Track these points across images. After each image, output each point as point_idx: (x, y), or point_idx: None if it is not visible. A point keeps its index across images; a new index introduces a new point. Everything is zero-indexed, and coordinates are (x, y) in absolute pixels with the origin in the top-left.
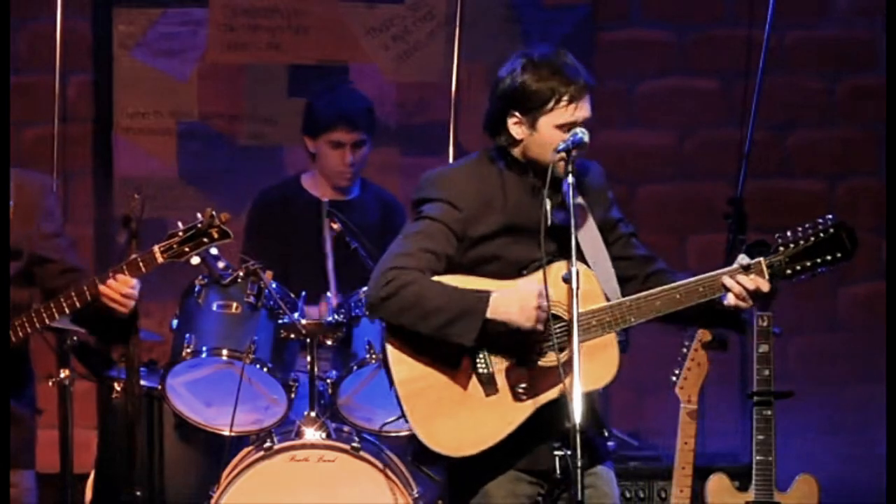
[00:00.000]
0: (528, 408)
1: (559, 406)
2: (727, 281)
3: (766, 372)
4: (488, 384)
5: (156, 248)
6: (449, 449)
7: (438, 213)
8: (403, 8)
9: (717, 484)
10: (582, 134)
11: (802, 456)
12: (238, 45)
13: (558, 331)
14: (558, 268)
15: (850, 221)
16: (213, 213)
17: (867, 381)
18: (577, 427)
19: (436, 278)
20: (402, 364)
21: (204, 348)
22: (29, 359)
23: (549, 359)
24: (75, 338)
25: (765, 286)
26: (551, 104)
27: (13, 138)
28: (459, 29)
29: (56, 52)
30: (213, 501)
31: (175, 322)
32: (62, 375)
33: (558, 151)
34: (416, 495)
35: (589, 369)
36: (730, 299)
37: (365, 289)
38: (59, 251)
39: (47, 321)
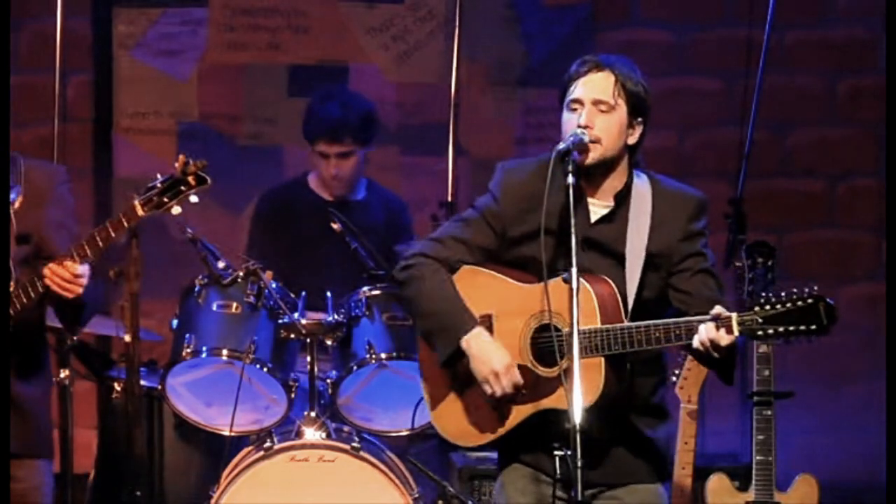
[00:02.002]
0: (523, 412)
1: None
2: (699, 328)
3: (766, 372)
4: None
5: (136, 202)
6: (451, 436)
7: (483, 205)
8: (403, 8)
9: (717, 484)
10: (582, 134)
11: (802, 456)
12: (238, 45)
13: (552, 343)
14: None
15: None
16: (188, 159)
17: (867, 380)
18: (577, 427)
19: (467, 269)
20: (427, 356)
21: (204, 348)
22: (45, 338)
23: (548, 370)
24: (75, 338)
25: (722, 340)
26: (568, 86)
27: (13, 138)
28: (459, 29)
29: (56, 52)
30: (213, 501)
31: (175, 322)
32: (62, 375)
33: (558, 151)
34: (416, 495)
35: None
36: (695, 343)
37: (365, 288)
38: (61, 244)
39: (19, 308)
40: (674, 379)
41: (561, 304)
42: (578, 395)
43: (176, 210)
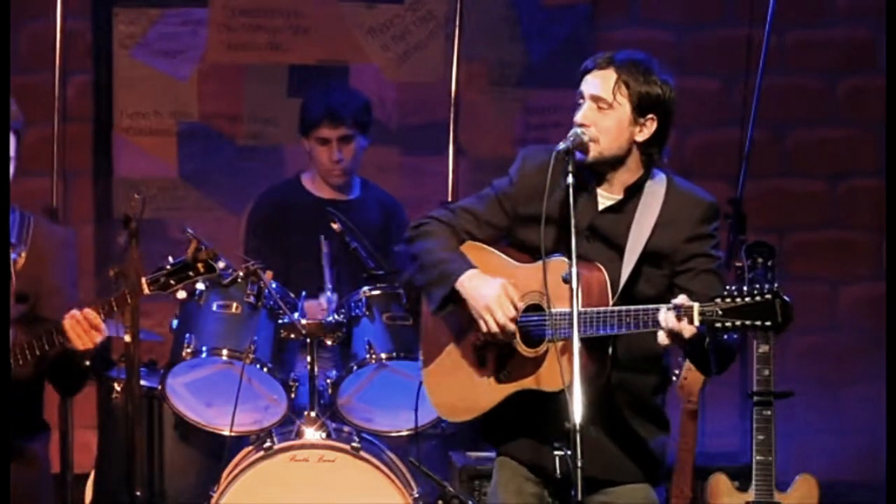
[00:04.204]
0: (504, 390)
1: (564, 403)
2: (660, 314)
3: (766, 372)
4: (479, 358)
5: (143, 280)
6: (442, 410)
7: (499, 186)
8: (403, 8)
9: (717, 484)
10: (581, 133)
11: (802, 456)
12: (238, 45)
13: (540, 323)
14: (559, 263)
15: (784, 296)
16: (200, 247)
17: (867, 380)
18: (577, 427)
19: (470, 244)
20: (428, 315)
21: (204, 348)
22: (42, 401)
23: (531, 350)
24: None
25: (684, 331)
26: (579, 80)
27: None
28: (459, 29)
29: (56, 52)
30: (213, 501)
31: (175, 322)
32: None
33: (559, 151)
34: (416, 495)
35: (554, 370)
36: (660, 336)
37: (365, 288)
38: (56, 308)
39: (23, 362)
40: (674, 379)
41: (552, 286)
42: (578, 395)
43: (181, 294)
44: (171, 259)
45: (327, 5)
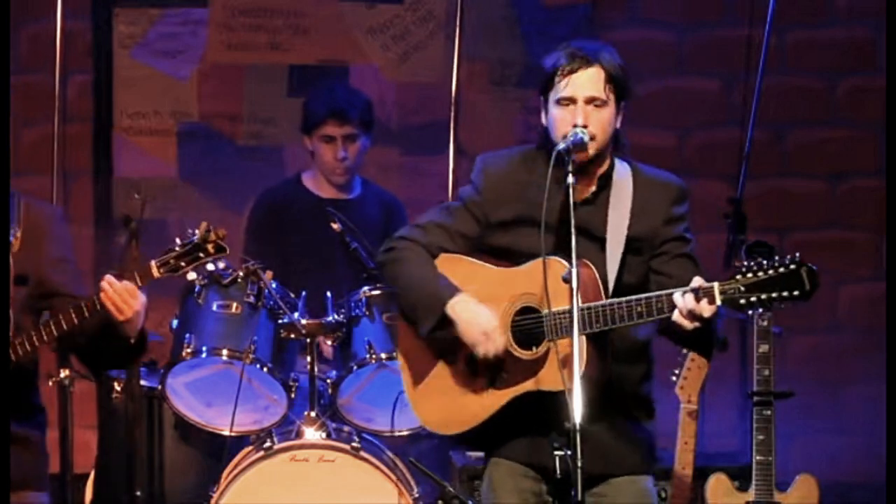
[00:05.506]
0: (504, 396)
1: (564, 402)
2: (676, 298)
3: (766, 372)
4: (472, 367)
5: (153, 263)
6: (435, 425)
7: (466, 195)
8: (403, 8)
9: (717, 484)
10: (582, 134)
11: (802, 456)
12: (238, 45)
13: (535, 325)
14: (550, 262)
15: (813, 263)
16: (210, 228)
17: (867, 381)
18: (577, 427)
19: (446, 257)
20: (407, 333)
21: (204, 348)
22: (38, 385)
23: (528, 353)
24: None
25: (705, 311)
26: (554, 79)
27: (13, 138)
28: (459, 29)
29: (56, 52)
30: (213, 501)
31: (175, 322)
32: (62, 375)
33: (558, 151)
34: (416, 495)
35: (555, 371)
36: (675, 315)
37: (365, 288)
38: (64, 281)
39: (45, 339)
40: (674, 379)
41: (541, 287)
42: (578, 395)
43: (191, 276)
44: (178, 241)
45: (327, 5)
